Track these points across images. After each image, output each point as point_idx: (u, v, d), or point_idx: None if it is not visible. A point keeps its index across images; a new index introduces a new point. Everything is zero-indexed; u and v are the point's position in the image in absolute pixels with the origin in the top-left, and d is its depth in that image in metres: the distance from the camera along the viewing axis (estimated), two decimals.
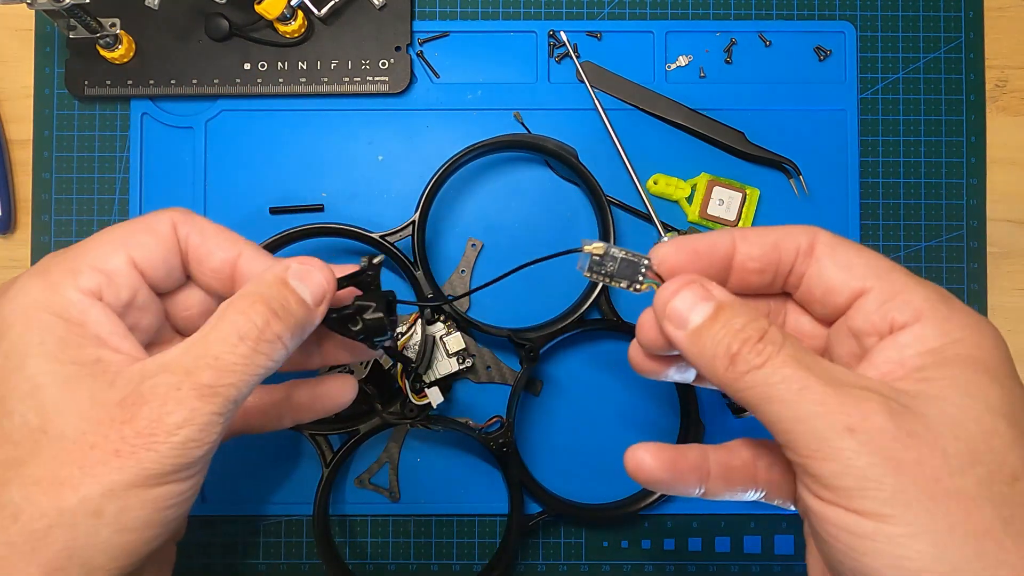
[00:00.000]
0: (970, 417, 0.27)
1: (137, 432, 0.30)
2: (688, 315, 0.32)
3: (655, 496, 0.52)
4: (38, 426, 0.31)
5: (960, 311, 0.30)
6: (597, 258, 0.36)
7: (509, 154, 0.56)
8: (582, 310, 0.52)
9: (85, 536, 0.30)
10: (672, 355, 0.36)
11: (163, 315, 0.38)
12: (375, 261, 0.37)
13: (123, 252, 0.35)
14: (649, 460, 0.34)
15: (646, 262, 0.35)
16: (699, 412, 0.54)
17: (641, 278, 0.35)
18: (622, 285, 0.36)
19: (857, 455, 0.27)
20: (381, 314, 0.37)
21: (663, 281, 0.34)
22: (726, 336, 0.31)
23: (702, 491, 0.35)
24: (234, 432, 0.42)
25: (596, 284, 0.52)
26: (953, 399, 0.28)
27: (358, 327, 0.37)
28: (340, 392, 0.42)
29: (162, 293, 0.38)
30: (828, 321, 0.35)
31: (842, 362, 0.34)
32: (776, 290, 0.36)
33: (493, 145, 0.52)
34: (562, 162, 0.53)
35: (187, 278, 0.38)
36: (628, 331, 0.53)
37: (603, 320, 0.53)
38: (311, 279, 0.35)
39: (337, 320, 0.37)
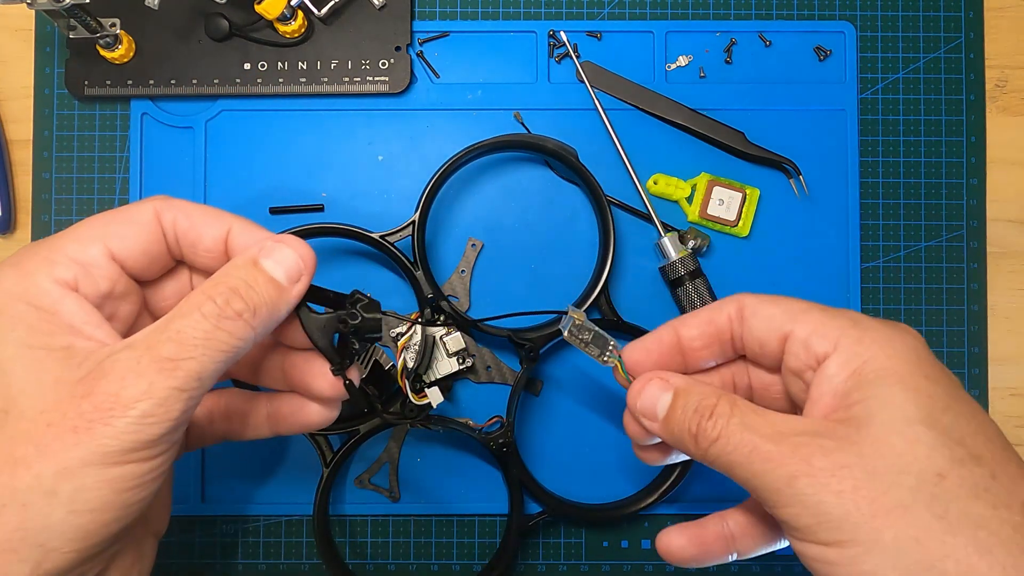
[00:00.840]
0: (892, 432, 0.31)
1: (95, 407, 0.30)
2: (655, 408, 0.37)
3: (655, 496, 0.52)
4: (1, 408, 0.31)
5: (871, 329, 0.34)
6: (578, 325, 0.42)
7: (509, 154, 0.56)
8: (582, 310, 0.52)
9: (38, 516, 0.30)
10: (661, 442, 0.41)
11: (143, 304, 0.38)
12: (366, 314, 0.37)
13: (101, 243, 0.35)
14: (678, 541, 0.39)
15: (612, 343, 0.42)
16: None
17: (607, 356, 0.42)
18: (593, 354, 0.42)
19: (806, 497, 0.31)
20: (380, 315, 0.36)
21: (631, 378, 0.40)
22: (685, 418, 0.36)
23: (735, 556, 0.39)
24: (216, 437, 0.42)
25: (596, 284, 0.53)
26: (876, 419, 0.32)
27: (355, 321, 0.37)
28: (320, 411, 0.40)
29: (146, 282, 0.38)
30: (776, 369, 0.38)
31: (798, 399, 0.37)
32: (733, 356, 0.40)
33: (493, 145, 0.52)
34: (562, 162, 0.53)
35: (175, 265, 0.39)
36: (628, 331, 0.53)
37: (603, 320, 0.53)
38: (281, 255, 0.35)
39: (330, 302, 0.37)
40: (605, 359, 0.42)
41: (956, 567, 0.29)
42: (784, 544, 0.38)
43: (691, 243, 0.54)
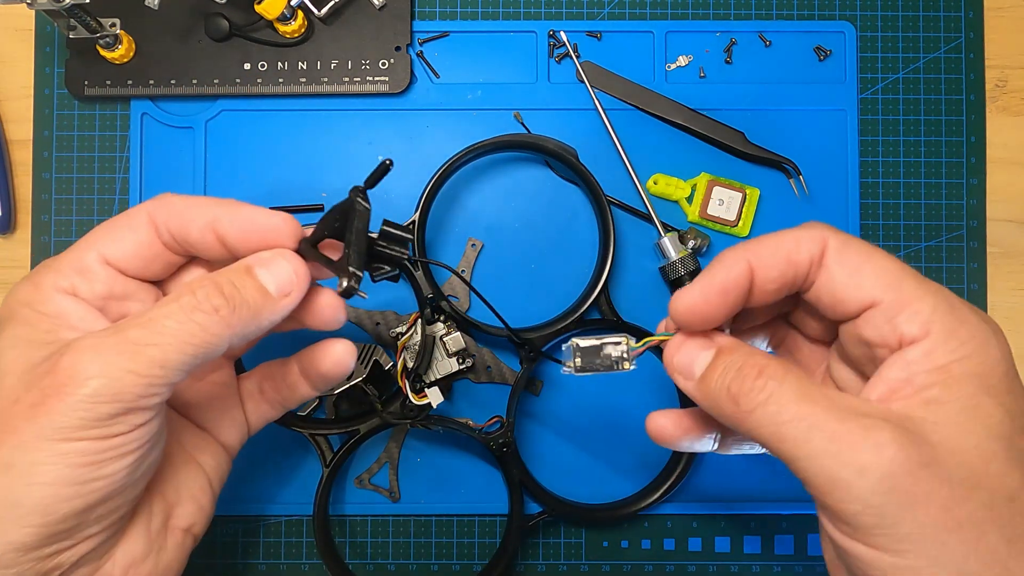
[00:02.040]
0: (971, 444, 0.29)
1: (52, 382, 0.31)
2: (692, 366, 0.34)
3: (655, 496, 0.52)
4: None
5: (967, 322, 0.31)
6: (580, 359, 0.39)
7: (509, 154, 0.56)
8: (582, 310, 0.52)
9: None
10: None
11: (154, 299, 0.39)
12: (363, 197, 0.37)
13: (95, 250, 0.37)
14: (666, 422, 0.38)
15: (617, 341, 0.39)
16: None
17: (624, 358, 0.39)
18: (611, 368, 0.39)
19: (872, 494, 0.28)
20: (411, 235, 0.37)
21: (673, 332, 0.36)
22: (725, 376, 0.32)
23: (715, 445, 0.37)
24: (270, 408, 0.43)
25: (596, 284, 0.53)
26: (957, 425, 0.29)
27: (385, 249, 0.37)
28: (340, 346, 0.40)
29: (156, 280, 0.39)
30: (823, 336, 0.36)
31: (853, 363, 0.34)
32: (783, 307, 0.37)
33: (493, 145, 0.52)
34: (562, 162, 0.53)
35: (192, 260, 0.39)
36: (628, 331, 0.53)
37: (603, 320, 0.53)
38: (277, 267, 0.35)
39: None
40: (625, 362, 0.39)
41: None
42: (759, 450, 0.37)
43: (691, 243, 0.54)
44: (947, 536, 0.27)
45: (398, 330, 0.52)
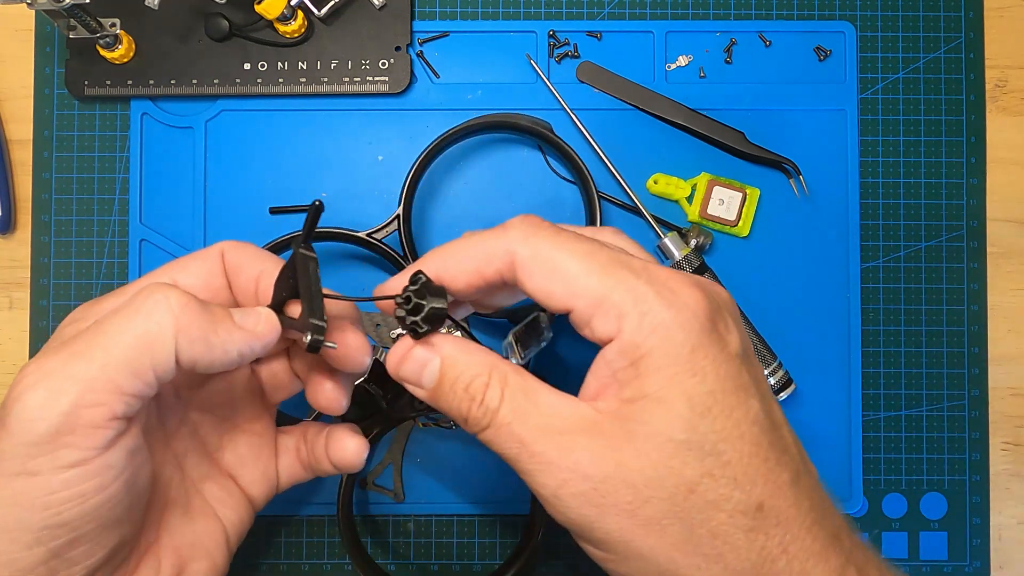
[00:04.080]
0: (653, 446, 0.31)
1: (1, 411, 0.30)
2: (421, 378, 0.34)
3: None
4: None
5: (650, 311, 0.31)
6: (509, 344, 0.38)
7: (509, 154, 0.56)
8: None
9: None
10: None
11: None
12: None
13: (168, 276, 0.36)
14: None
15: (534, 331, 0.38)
16: None
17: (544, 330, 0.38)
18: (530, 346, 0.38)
19: (568, 508, 0.31)
20: (444, 304, 0.33)
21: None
22: (455, 399, 0.33)
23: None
24: (292, 476, 0.42)
25: None
26: (646, 423, 0.31)
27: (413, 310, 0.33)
28: (345, 448, 0.40)
29: None
30: None
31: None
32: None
33: (466, 129, 0.52)
34: (537, 136, 0.53)
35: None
36: None
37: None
38: (250, 314, 0.34)
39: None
40: (545, 331, 0.38)
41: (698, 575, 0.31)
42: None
43: (693, 241, 0.54)
44: (632, 536, 0.31)
45: (399, 331, 0.52)
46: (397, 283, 0.35)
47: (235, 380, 0.39)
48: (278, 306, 0.35)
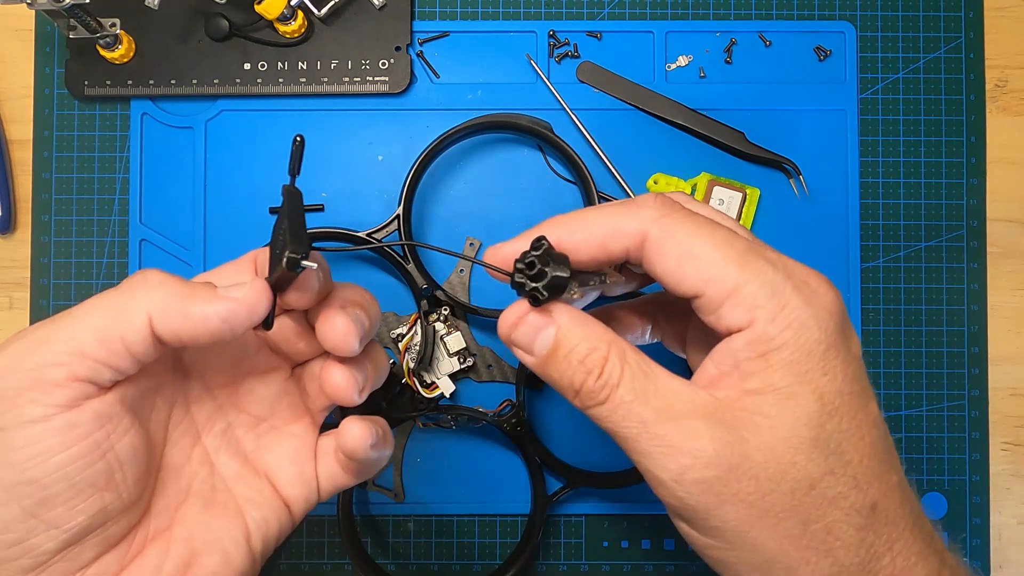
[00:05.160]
0: (782, 436, 0.31)
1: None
2: (533, 345, 0.33)
3: None
4: None
5: (787, 305, 0.31)
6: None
7: (509, 154, 0.56)
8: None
9: None
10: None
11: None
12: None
13: (201, 277, 0.36)
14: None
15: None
16: None
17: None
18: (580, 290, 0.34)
19: (687, 495, 0.31)
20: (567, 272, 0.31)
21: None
22: (568, 369, 0.32)
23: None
24: (332, 480, 0.40)
25: None
26: (772, 417, 0.31)
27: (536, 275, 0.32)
28: (350, 433, 0.38)
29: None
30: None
31: (703, 338, 0.36)
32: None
33: (467, 129, 0.52)
34: (537, 136, 0.53)
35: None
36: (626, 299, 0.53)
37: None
38: (237, 287, 0.33)
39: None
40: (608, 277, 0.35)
41: (808, 570, 0.31)
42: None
43: None
44: (749, 526, 0.31)
45: (399, 331, 0.52)
46: (514, 247, 0.33)
47: (272, 381, 0.39)
48: (273, 267, 0.34)
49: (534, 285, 0.31)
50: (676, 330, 0.39)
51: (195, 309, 0.32)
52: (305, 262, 0.32)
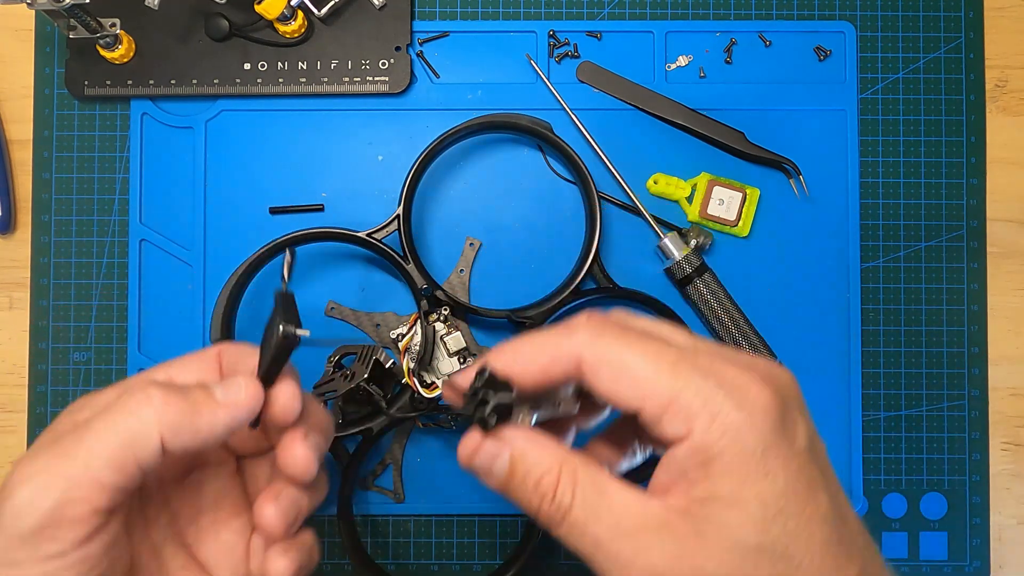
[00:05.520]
0: (726, 547, 0.31)
1: None
2: (491, 470, 0.34)
3: None
4: None
5: (721, 412, 0.31)
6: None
7: (509, 154, 0.56)
8: (577, 281, 0.52)
9: None
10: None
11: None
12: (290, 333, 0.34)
13: (164, 373, 0.37)
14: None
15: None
16: None
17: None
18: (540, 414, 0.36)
19: None
20: (511, 394, 0.33)
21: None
22: (525, 493, 0.33)
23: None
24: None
25: (588, 253, 0.53)
26: (712, 529, 0.31)
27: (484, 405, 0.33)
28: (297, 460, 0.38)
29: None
30: None
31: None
32: None
33: (468, 129, 0.52)
34: (537, 136, 0.53)
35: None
36: (625, 296, 0.53)
37: (599, 288, 0.54)
38: (230, 382, 0.34)
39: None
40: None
41: None
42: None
43: (693, 241, 0.54)
44: None
45: (399, 331, 0.52)
46: (463, 378, 0.35)
47: (219, 474, 0.40)
48: (264, 366, 0.35)
49: (480, 412, 0.33)
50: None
51: (203, 422, 0.33)
52: (299, 331, 0.34)
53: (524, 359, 0.34)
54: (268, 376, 0.35)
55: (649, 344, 0.33)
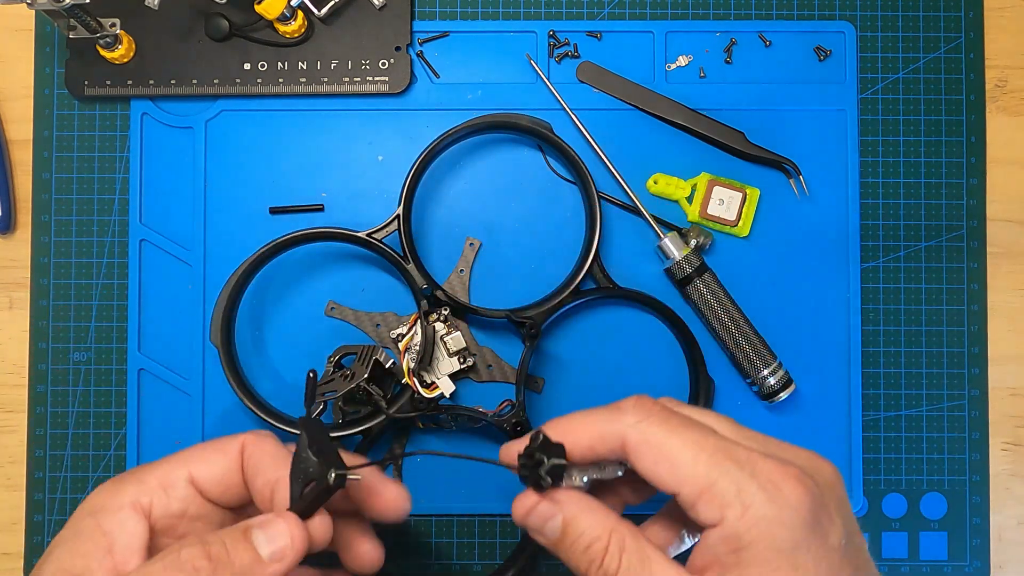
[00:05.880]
0: None
1: None
2: (544, 529, 0.36)
3: None
4: None
5: (753, 504, 0.33)
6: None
7: (509, 154, 0.56)
8: (577, 281, 0.52)
9: None
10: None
11: (223, 524, 0.39)
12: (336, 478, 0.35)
13: (186, 467, 0.37)
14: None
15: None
16: (707, 369, 0.54)
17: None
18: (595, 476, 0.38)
19: None
20: (564, 460, 0.35)
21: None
22: (575, 556, 0.35)
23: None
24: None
25: (588, 253, 0.53)
26: None
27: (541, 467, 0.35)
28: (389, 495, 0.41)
29: (233, 507, 0.39)
30: None
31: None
32: None
33: (468, 129, 0.52)
34: (537, 136, 0.53)
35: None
36: (625, 296, 0.53)
37: (599, 288, 0.54)
38: (274, 531, 0.34)
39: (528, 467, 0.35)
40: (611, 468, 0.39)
41: None
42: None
43: (693, 241, 0.54)
44: None
45: (399, 331, 0.52)
46: (519, 444, 0.37)
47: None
48: (297, 497, 0.35)
49: (536, 474, 0.35)
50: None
51: None
52: (351, 476, 0.35)
53: (574, 435, 0.36)
54: (306, 514, 0.35)
55: (691, 431, 0.35)
